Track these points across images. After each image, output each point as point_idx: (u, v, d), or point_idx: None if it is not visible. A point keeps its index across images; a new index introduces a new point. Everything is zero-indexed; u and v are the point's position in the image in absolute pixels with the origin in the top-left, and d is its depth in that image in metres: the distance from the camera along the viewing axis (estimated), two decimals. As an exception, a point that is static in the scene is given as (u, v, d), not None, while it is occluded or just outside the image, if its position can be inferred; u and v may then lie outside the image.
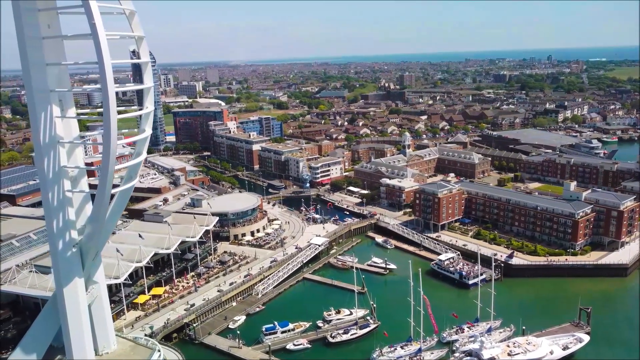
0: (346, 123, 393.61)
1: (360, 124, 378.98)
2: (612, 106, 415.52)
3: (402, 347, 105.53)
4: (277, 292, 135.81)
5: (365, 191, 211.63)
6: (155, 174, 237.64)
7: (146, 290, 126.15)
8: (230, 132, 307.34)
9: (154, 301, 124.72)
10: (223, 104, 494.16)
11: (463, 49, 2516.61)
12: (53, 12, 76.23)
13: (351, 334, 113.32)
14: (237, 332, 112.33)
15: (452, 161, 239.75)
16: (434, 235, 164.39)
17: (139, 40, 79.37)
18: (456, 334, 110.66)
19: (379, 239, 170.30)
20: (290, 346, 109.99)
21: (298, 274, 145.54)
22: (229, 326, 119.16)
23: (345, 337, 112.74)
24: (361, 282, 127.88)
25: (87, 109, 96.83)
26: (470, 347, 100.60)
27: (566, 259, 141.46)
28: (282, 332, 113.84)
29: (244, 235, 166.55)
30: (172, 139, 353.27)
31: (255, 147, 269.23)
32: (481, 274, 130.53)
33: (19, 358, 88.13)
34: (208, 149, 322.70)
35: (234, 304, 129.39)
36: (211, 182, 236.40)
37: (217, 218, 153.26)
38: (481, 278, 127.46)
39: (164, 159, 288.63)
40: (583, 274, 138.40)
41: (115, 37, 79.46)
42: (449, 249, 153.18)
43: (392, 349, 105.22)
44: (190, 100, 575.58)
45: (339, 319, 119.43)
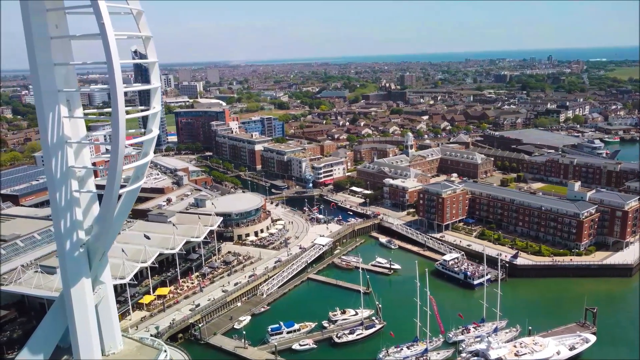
0: (348, 123, 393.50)
1: (362, 124, 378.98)
2: (613, 106, 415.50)
3: (408, 347, 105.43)
4: (281, 292, 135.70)
5: (368, 191, 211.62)
6: (158, 174, 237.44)
7: (151, 290, 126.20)
8: (232, 132, 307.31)
9: (159, 301, 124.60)
10: (224, 104, 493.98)
11: (463, 49, 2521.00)
12: (61, 12, 76.23)
13: (357, 334, 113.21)
14: (243, 332, 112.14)
15: (455, 161, 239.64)
16: (437, 236, 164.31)
17: (146, 40, 79.31)
18: (462, 334, 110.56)
19: (383, 239, 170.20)
20: (296, 346, 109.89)
21: (302, 274, 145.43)
22: (234, 326, 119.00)
23: (351, 337, 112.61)
24: (366, 282, 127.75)
25: (88, 109, 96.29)
26: (477, 347, 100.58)
27: (571, 259, 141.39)
28: (288, 332, 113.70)
29: (247, 235, 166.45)
30: (174, 139, 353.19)
31: (258, 147, 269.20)
32: (486, 274, 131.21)
33: (26, 358, 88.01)
34: (210, 149, 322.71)
35: (239, 304, 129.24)
36: (214, 183, 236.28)
37: (221, 218, 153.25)
38: (486, 278, 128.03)
39: (166, 159, 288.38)
40: (588, 274, 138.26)
41: (123, 37, 79.49)
42: (453, 249, 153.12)
43: (398, 349, 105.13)
44: (191, 101, 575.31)
45: (344, 319, 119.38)
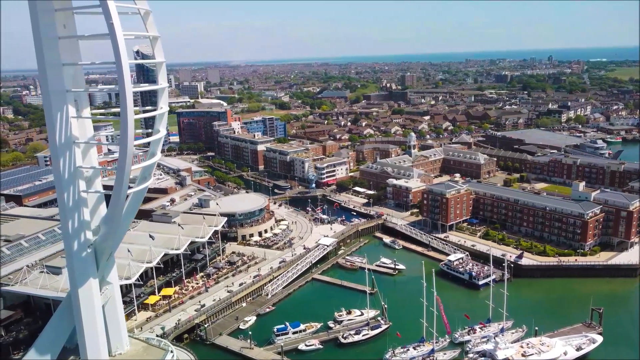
0: (349, 123, 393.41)
1: (364, 124, 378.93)
2: (615, 107, 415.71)
3: (414, 348, 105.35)
4: (286, 292, 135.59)
5: (371, 191, 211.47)
6: (161, 175, 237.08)
7: (156, 290, 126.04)
8: (234, 132, 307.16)
9: (165, 302, 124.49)
10: (225, 104, 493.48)
11: (462, 49, 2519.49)
12: (69, 12, 76.09)
13: (363, 335, 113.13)
14: (249, 332, 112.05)
15: (458, 161, 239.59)
16: (442, 236, 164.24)
17: (153, 40, 79.13)
18: (468, 334, 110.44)
19: (387, 239, 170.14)
20: (302, 347, 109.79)
21: (307, 274, 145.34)
22: (240, 327, 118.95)
23: (357, 337, 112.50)
24: (372, 283, 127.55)
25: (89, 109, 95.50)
26: (484, 347, 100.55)
27: (576, 260, 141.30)
28: (294, 332, 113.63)
29: (251, 235, 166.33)
30: (175, 139, 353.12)
31: (260, 147, 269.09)
32: (490, 275, 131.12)
33: (33, 358, 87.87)
34: (212, 149, 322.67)
35: (244, 304, 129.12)
36: (217, 183, 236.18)
37: (225, 218, 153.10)
38: (491, 278, 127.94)
39: (168, 159, 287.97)
40: (592, 275, 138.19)
41: (130, 37, 79.43)
42: (458, 250, 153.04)
43: (404, 349, 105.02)
44: (192, 101, 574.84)
45: (350, 319, 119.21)
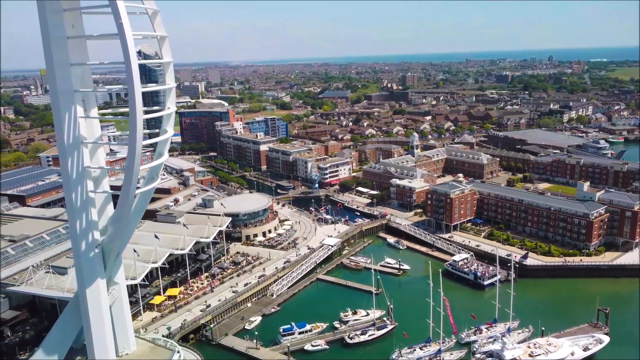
0: (351, 123, 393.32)
1: (365, 124, 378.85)
2: (616, 107, 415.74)
3: (421, 348, 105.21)
4: (291, 292, 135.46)
5: (374, 192, 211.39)
6: (164, 175, 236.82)
7: (161, 291, 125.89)
8: (236, 132, 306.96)
9: (170, 302, 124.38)
10: (226, 104, 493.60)
11: (463, 49, 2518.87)
12: (77, 12, 76.06)
13: (369, 335, 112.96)
14: (255, 332, 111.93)
15: (460, 161, 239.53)
16: (446, 236, 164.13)
17: (161, 40, 79.06)
18: (474, 334, 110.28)
19: (391, 239, 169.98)
20: (308, 347, 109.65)
21: (311, 274, 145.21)
22: (245, 327, 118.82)
23: (363, 338, 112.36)
24: (377, 283, 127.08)
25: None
26: (491, 347, 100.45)
27: (581, 260, 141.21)
28: (300, 333, 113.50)
29: (255, 235, 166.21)
30: (177, 139, 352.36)
31: (263, 147, 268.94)
32: (495, 275, 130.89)
33: (40, 359, 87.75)
34: (214, 149, 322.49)
35: (249, 304, 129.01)
36: (219, 183, 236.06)
37: (230, 218, 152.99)
38: (496, 279, 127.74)
39: (170, 159, 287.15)
40: (597, 275, 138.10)
41: (138, 37, 79.27)
42: (462, 250, 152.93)
43: (411, 349, 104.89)
44: (193, 101, 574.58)
45: (355, 319, 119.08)
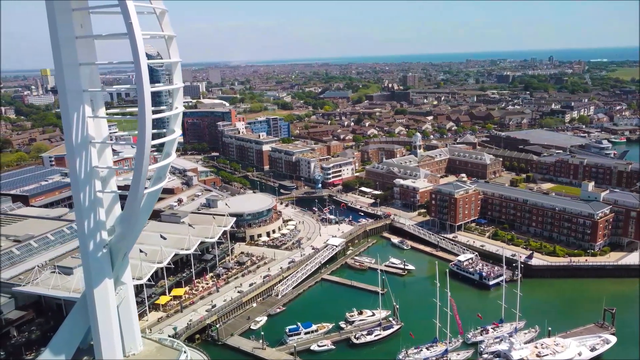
0: (352, 123, 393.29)
1: (367, 124, 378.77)
2: (618, 107, 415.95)
3: (427, 348, 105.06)
4: (296, 292, 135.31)
5: (377, 192, 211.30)
6: (167, 175, 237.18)
7: (167, 291, 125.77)
8: (239, 132, 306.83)
9: (175, 302, 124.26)
10: (227, 104, 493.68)
11: (463, 49, 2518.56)
12: (85, 11, 75.99)
13: (375, 335, 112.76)
14: (261, 333, 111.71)
15: (463, 162, 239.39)
16: (450, 236, 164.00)
17: (169, 40, 78.99)
18: (481, 334, 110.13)
19: (395, 239, 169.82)
20: (314, 347, 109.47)
21: (316, 274, 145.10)
22: (251, 327, 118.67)
23: (369, 338, 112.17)
24: (382, 283, 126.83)
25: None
26: (499, 348, 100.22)
27: (586, 260, 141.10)
28: (306, 333, 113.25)
29: (259, 235, 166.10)
30: (179, 139, 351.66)
31: (266, 147, 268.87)
32: (500, 275, 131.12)
33: (48, 359, 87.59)
34: (216, 149, 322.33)
35: (254, 304, 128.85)
36: (222, 183, 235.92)
37: (234, 218, 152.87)
38: (501, 279, 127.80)
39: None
40: (603, 275, 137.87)
41: (146, 36, 79.17)
42: (467, 250, 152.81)
43: (417, 350, 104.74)
44: (194, 101, 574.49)
45: (361, 319, 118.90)
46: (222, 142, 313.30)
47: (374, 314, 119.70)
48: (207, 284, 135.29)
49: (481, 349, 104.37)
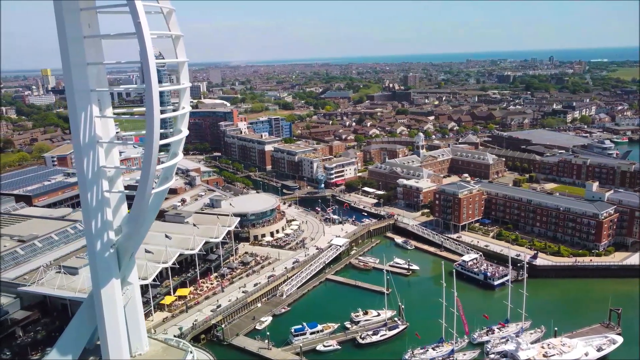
0: (354, 123, 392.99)
1: (369, 124, 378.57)
2: (619, 107, 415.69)
3: (433, 349, 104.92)
4: (301, 293, 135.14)
5: (380, 192, 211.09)
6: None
7: (172, 291, 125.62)
8: (241, 132, 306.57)
9: (180, 302, 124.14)
10: (228, 104, 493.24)
11: (463, 49, 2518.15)
12: (93, 11, 75.98)
13: (380, 335, 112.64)
14: (267, 333, 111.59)
15: (466, 162, 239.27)
16: (454, 236, 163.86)
17: (176, 40, 78.96)
18: (487, 334, 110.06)
19: (399, 239, 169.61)
20: (320, 347, 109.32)
21: (320, 274, 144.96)
22: (256, 327, 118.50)
23: (374, 338, 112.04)
24: (387, 283, 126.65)
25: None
26: (505, 348, 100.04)
27: (591, 260, 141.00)
28: (311, 333, 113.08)
29: (263, 236, 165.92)
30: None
31: (268, 147, 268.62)
32: (505, 275, 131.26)
33: (55, 359, 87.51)
34: (218, 149, 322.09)
35: (259, 305, 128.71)
36: (225, 183, 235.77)
37: (238, 218, 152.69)
38: (506, 279, 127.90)
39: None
40: (607, 275, 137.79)
41: (153, 36, 79.07)
42: (471, 250, 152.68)
43: (423, 350, 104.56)
44: (195, 101, 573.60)
45: (367, 320, 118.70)
46: (224, 142, 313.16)
47: (379, 314, 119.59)
48: (212, 284, 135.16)
49: (487, 349, 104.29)
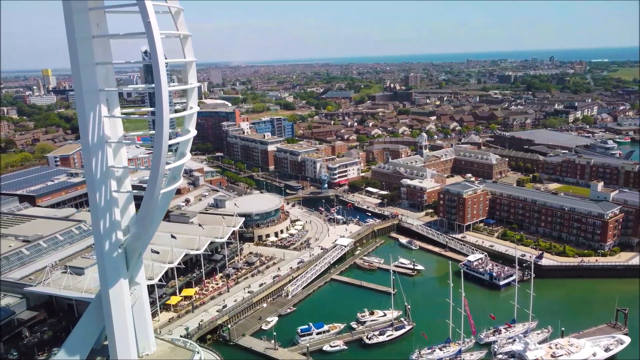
0: (356, 124, 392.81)
1: (371, 124, 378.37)
2: (621, 107, 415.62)
3: (440, 349, 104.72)
4: (306, 293, 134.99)
5: (384, 192, 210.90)
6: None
7: (177, 291, 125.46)
8: (243, 132, 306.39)
9: (186, 302, 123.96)
10: (229, 104, 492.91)
11: (463, 49, 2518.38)
12: (101, 11, 75.89)
13: (387, 336, 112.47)
14: (274, 333, 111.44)
15: (469, 162, 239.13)
16: (459, 236, 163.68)
17: (184, 39, 78.90)
18: (493, 335, 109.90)
19: (403, 239, 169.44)
20: (326, 347, 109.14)
21: (325, 275, 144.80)
22: (262, 327, 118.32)
23: (381, 338, 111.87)
24: (392, 283, 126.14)
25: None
26: (513, 348, 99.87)
27: (596, 260, 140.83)
28: (318, 333, 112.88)
29: (267, 236, 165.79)
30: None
31: (271, 147, 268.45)
32: (510, 275, 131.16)
33: (63, 359, 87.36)
34: (220, 149, 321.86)
35: (265, 305, 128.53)
36: (228, 183, 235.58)
37: (243, 219, 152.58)
38: (512, 279, 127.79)
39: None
40: (613, 275, 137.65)
41: (162, 36, 78.95)
42: (476, 250, 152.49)
43: (430, 350, 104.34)
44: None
45: (373, 320, 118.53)
46: (227, 142, 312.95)
47: (385, 314, 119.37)
48: (217, 284, 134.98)
49: (494, 350, 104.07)
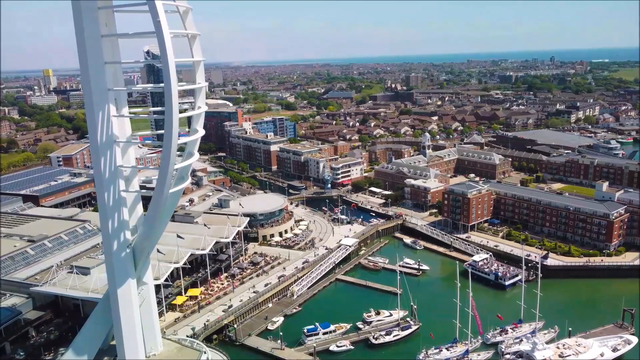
0: (358, 124, 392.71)
1: (373, 124, 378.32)
2: (623, 107, 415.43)
3: (447, 349, 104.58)
4: (311, 293, 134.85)
5: (387, 192, 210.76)
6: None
7: (183, 291, 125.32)
8: (246, 132, 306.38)
9: (191, 302, 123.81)
10: (231, 105, 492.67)
11: (463, 49, 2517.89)
12: (110, 10, 75.81)
13: (393, 336, 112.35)
14: (280, 333, 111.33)
15: (472, 162, 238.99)
16: (463, 236, 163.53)
17: (192, 39, 78.75)
18: (500, 335, 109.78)
19: (407, 239, 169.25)
20: (333, 347, 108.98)
21: (330, 275, 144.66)
22: (268, 327, 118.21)
23: (387, 338, 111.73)
24: (398, 283, 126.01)
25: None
26: (521, 348, 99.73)
27: (602, 260, 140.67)
28: (324, 333, 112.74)
29: (272, 236, 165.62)
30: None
31: (274, 147, 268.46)
32: (516, 275, 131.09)
33: (71, 359, 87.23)
34: (223, 149, 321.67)
35: (270, 305, 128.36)
36: (232, 183, 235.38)
37: (247, 218, 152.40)
38: (517, 279, 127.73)
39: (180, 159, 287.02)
40: (619, 275, 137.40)
41: (171, 35, 78.85)
42: (481, 250, 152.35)
43: (437, 350, 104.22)
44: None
45: (379, 320, 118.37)
46: (229, 142, 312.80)
47: (391, 315, 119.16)
48: (222, 284, 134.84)
49: (502, 350, 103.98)
